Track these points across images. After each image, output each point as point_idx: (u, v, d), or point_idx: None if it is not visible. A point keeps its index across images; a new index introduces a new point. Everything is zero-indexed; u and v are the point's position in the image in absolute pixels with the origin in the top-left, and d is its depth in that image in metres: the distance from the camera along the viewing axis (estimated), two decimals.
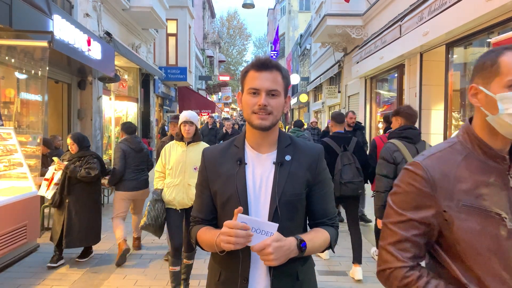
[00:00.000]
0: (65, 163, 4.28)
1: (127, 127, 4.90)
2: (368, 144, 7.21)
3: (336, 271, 4.27)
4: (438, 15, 6.87)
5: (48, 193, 4.36)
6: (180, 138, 3.62)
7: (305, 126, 11.52)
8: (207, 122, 12.22)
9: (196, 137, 3.62)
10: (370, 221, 6.24)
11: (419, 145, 3.33)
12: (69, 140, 4.39)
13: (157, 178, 3.72)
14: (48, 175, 4.43)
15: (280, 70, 1.38)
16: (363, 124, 6.67)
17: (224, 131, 10.27)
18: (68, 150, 4.53)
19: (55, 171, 4.37)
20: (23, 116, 6.88)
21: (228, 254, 1.29)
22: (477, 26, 6.26)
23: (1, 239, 4.09)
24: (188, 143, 3.60)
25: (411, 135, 3.32)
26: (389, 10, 10.32)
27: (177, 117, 4.60)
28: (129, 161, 4.71)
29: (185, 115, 3.57)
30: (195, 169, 3.54)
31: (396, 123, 3.58)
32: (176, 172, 3.56)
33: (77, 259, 4.50)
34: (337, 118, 4.23)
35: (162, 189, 3.61)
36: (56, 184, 4.36)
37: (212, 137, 11.28)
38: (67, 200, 4.31)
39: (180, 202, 3.55)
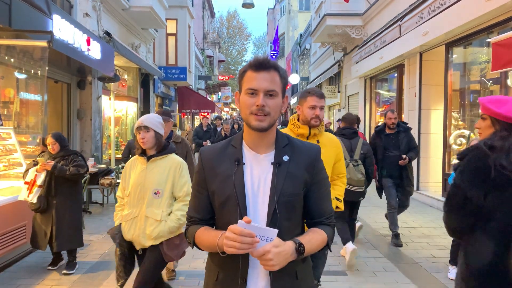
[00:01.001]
0: (51, 162, 4.03)
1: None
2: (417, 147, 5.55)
3: (335, 271, 4.27)
4: (437, 15, 6.88)
5: (32, 196, 3.99)
6: (142, 152, 2.79)
7: None
8: (201, 123, 10.99)
9: (160, 148, 2.78)
10: (401, 245, 5.13)
11: (353, 140, 4.52)
12: (50, 140, 4.13)
13: (118, 207, 2.91)
14: (28, 178, 4.06)
15: (278, 70, 1.38)
16: (408, 125, 5.48)
17: (223, 134, 9.20)
18: (45, 151, 4.31)
19: (37, 172, 4.05)
20: (22, 116, 6.88)
21: (227, 254, 1.29)
22: (477, 26, 6.27)
23: (0, 239, 4.09)
24: (150, 157, 2.75)
25: (346, 133, 4.58)
26: (388, 10, 10.32)
27: (164, 114, 3.96)
28: (133, 152, 5.82)
29: (140, 119, 2.78)
30: (156, 194, 2.69)
31: (342, 125, 4.87)
32: (134, 200, 2.73)
33: (65, 272, 4.17)
34: None
35: (120, 224, 2.81)
36: (40, 186, 4.04)
37: (205, 139, 10.16)
38: (54, 202, 4.10)
39: (136, 241, 2.73)
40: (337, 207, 2.86)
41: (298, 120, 2.81)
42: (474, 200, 1.81)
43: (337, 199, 2.91)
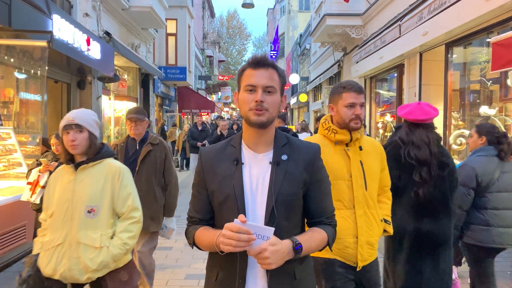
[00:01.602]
0: (54, 164, 3.96)
1: None
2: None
3: None
4: (437, 15, 6.87)
5: (35, 197, 3.95)
6: (69, 158, 2.16)
7: (293, 129, 10.83)
8: (195, 123, 10.11)
9: (93, 153, 2.16)
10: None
11: None
12: (54, 140, 4.04)
13: (40, 231, 2.25)
14: (31, 178, 4.01)
15: (276, 68, 1.40)
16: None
17: (219, 132, 8.27)
18: (48, 151, 4.26)
19: (40, 173, 3.99)
20: (22, 116, 6.88)
21: (226, 254, 1.30)
22: (477, 25, 6.26)
23: (0, 239, 4.09)
24: (78, 164, 2.13)
25: None
26: (388, 9, 10.32)
27: (138, 112, 3.42)
28: None
29: (68, 115, 2.14)
30: (90, 212, 2.08)
31: (317, 125, 5.48)
32: (59, 222, 2.09)
33: None
34: (282, 116, 6.01)
35: (38, 254, 2.14)
36: (43, 187, 3.95)
37: (202, 140, 9.29)
38: None
39: (65, 276, 2.05)
40: (385, 230, 2.27)
41: (332, 122, 2.22)
42: (392, 179, 2.40)
43: (386, 221, 2.27)
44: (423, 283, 2.50)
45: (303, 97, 24.12)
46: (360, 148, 2.18)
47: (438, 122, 8.13)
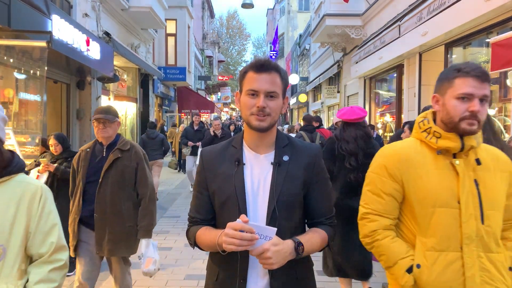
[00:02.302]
0: (55, 165, 3.94)
1: (148, 124, 8.48)
2: None
3: None
4: (437, 15, 6.88)
5: None
6: None
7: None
8: (192, 122, 9.27)
9: (4, 163, 1.42)
10: None
11: (313, 134, 5.97)
12: (52, 141, 4.02)
13: None
14: None
15: (279, 71, 1.40)
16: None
17: (212, 133, 7.59)
18: (47, 152, 4.22)
19: (39, 173, 3.93)
20: (22, 116, 6.87)
21: (227, 254, 1.30)
22: (476, 26, 6.27)
23: None
24: None
25: (308, 129, 6.11)
26: (388, 10, 10.32)
27: (107, 111, 2.88)
28: (146, 145, 7.51)
29: None
30: None
31: (304, 123, 6.47)
32: None
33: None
34: None
35: None
36: None
37: (196, 141, 8.64)
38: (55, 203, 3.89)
39: None
40: None
41: (435, 121, 1.55)
42: (328, 167, 2.89)
43: None
44: (354, 248, 3.14)
45: (302, 98, 24.12)
46: (478, 162, 1.50)
47: None
